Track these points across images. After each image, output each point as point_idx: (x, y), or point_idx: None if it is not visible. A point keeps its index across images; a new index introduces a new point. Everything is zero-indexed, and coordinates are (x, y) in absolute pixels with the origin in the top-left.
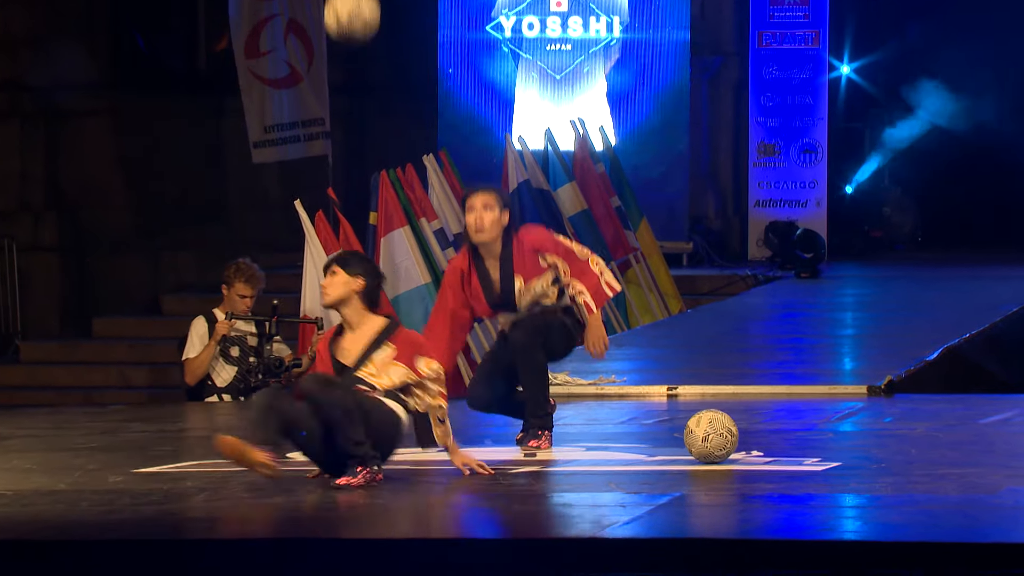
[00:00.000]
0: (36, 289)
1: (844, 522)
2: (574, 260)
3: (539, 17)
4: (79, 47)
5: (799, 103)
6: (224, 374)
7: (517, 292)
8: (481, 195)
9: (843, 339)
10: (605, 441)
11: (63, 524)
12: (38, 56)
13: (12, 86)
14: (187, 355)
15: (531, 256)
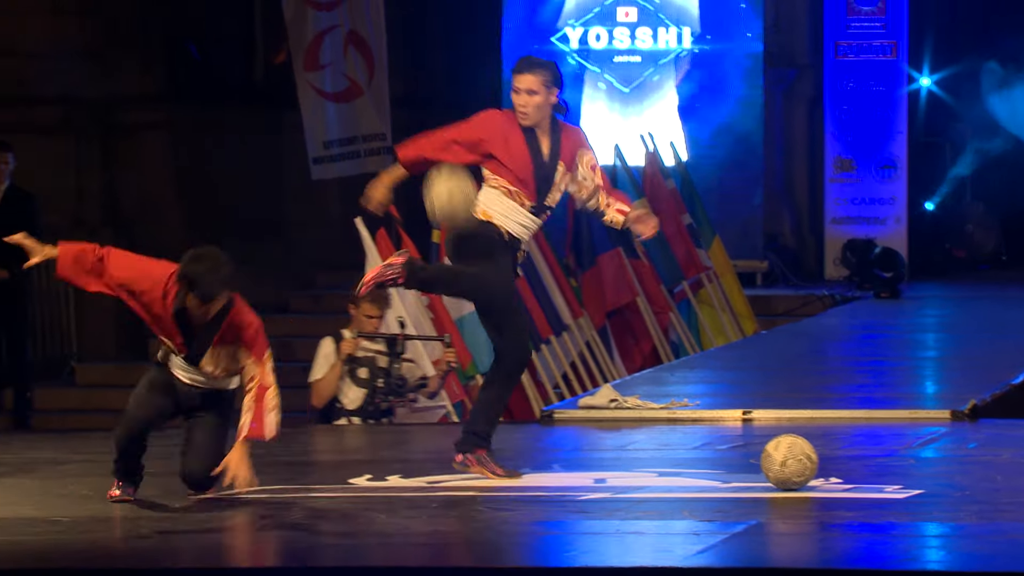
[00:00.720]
0: (91, 309)
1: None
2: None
3: (607, 28)
4: (134, 59)
5: (877, 117)
6: (352, 395)
7: (558, 175)
8: (526, 77)
9: (925, 362)
10: (678, 467)
11: (119, 552)
12: (92, 69)
13: (67, 99)
14: (313, 376)
15: (571, 152)
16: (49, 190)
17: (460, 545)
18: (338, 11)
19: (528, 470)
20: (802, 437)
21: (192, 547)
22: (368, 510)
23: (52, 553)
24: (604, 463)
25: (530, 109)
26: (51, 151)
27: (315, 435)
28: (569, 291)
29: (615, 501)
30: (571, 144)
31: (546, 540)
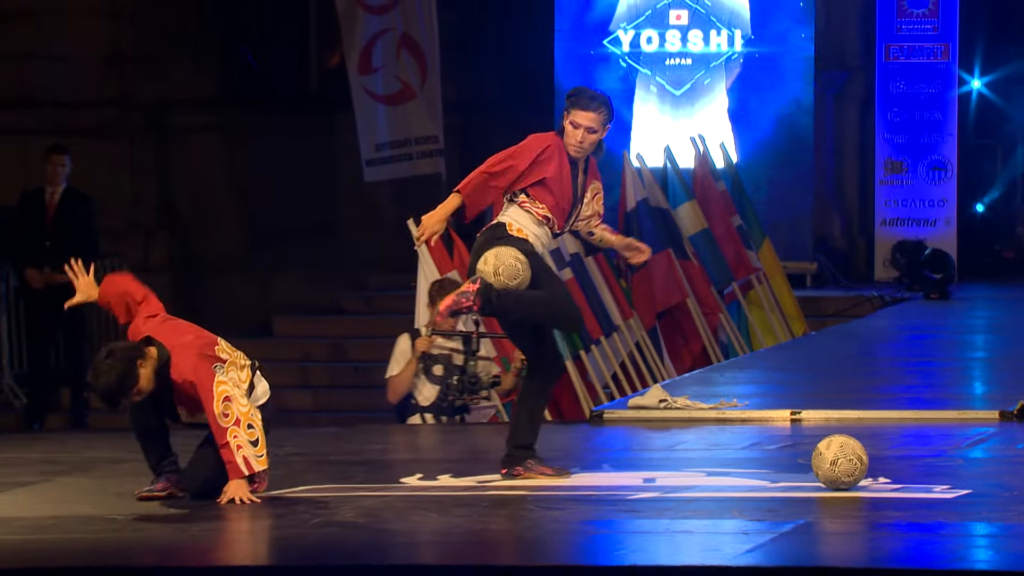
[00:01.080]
0: None
1: (976, 551)
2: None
3: (658, 31)
4: (189, 63)
5: (927, 119)
6: (427, 392)
7: (584, 201)
8: (589, 115)
9: (974, 362)
10: (727, 467)
11: (173, 550)
12: (148, 73)
13: (123, 103)
14: (389, 372)
15: (592, 182)
16: (104, 193)
17: (510, 544)
18: (391, 15)
19: (578, 470)
20: (854, 438)
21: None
22: (419, 509)
23: (108, 550)
24: (653, 463)
25: (587, 145)
26: (106, 154)
27: (366, 435)
28: (619, 292)
29: (664, 500)
30: (593, 175)
31: (596, 539)
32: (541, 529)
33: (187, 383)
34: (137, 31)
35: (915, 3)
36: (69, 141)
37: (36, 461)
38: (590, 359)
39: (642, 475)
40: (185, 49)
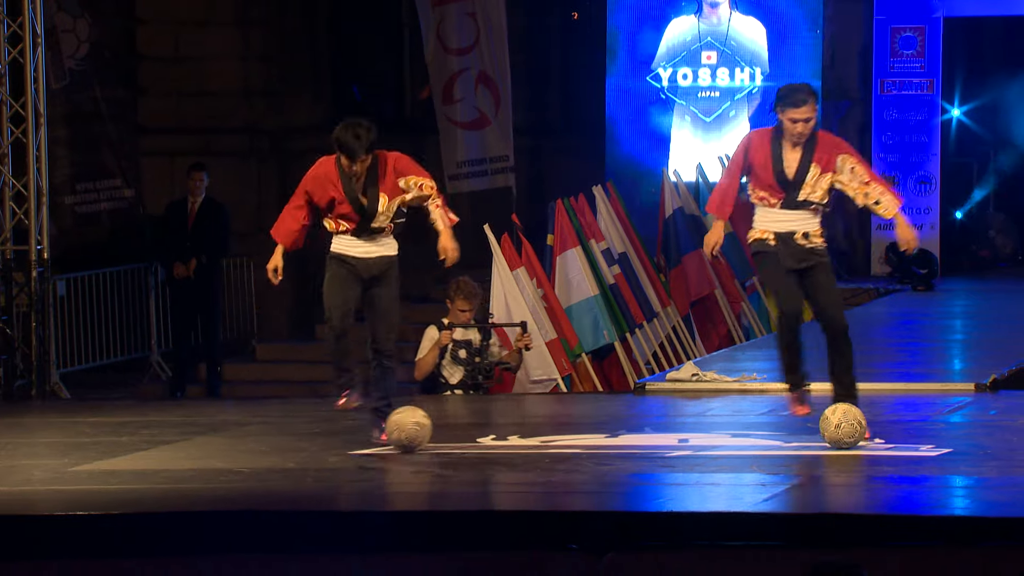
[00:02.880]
0: (269, 299)
1: (955, 500)
2: (871, 171)
3: (692, 69)
4: (306, 96)
5: (915, 141)
6: (456, 373)
7: (810, 177)
8: (804, 109)
9: (953, 343)
10: (748, 429)
11: (292, 497)
12: (272, 104)
13: (251, 130)
14: (418, 356)
15: (831, 154)
16: (235, 203)
17: (568, 494)
18: (470, 56)
19: (624, 431)
20: (855, 406)
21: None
22: (493, 463)
23: (237, 498)
24: (687, 426)
25: (806, 132)
26: (237, 172)
27: (449, 403)
28: (659, 285)
29: (696, 458)
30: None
31: (639, 489)
32: (595, 481)
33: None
34: (263, 70)
35: (905, 45)
36: (209, 161)
37: (177, 424)
38: (634, 340)
39: (677, 436)
40: (302, 84)
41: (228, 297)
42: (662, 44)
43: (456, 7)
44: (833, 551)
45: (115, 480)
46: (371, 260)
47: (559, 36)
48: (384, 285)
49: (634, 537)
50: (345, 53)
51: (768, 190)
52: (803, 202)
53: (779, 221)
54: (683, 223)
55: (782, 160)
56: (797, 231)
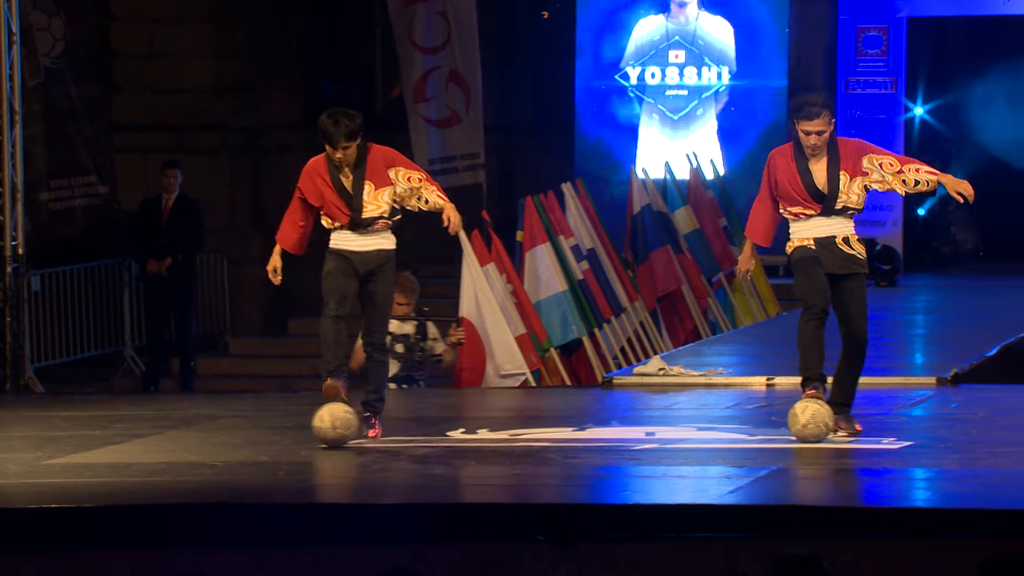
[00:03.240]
0: (243, 295)
1: (916, 492)
2: (897, 155)
3: (660, 67)
4: (278, 93)
5: (880, 139)
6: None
7: (842, 185)
8: (816, 123)
9: (915, 338)
10: (713, 423)
11: (264, 490)
12: (246, 101)
13: (225, 127)
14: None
15: (856, 157)
16: (209, 199)
17: (536, 486)
18: (441, 54)
19: (591, 425)
20: (825, 406)
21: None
22: (463, 456)
23: (209, 490)
24: (653, 419)
25: (820, 144)
26: (211, 168)
27: (418, 396)
28: (627, 280)
29: (662, 451)
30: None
31: (606, 482)
32: (562, 474)
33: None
34: (237, 67)
35: (870, 45)
36: (183, 158)
37: (150, 417)
38: (602, 335)
39: (644, 430)
40: (276, 82)
41: (201, 292)
42: (630, 43)
43: (427, 6)
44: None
45: (89, 473)
46: (368, 254)
47: (529, 35)
48: (380, 280)
49: (601, 529)
50: (318, 51)
51: (802, 205)
52: (841, 209)
53: (818, 227)
54: (651, 220)
55: (810, 174)
56: (837, 235)
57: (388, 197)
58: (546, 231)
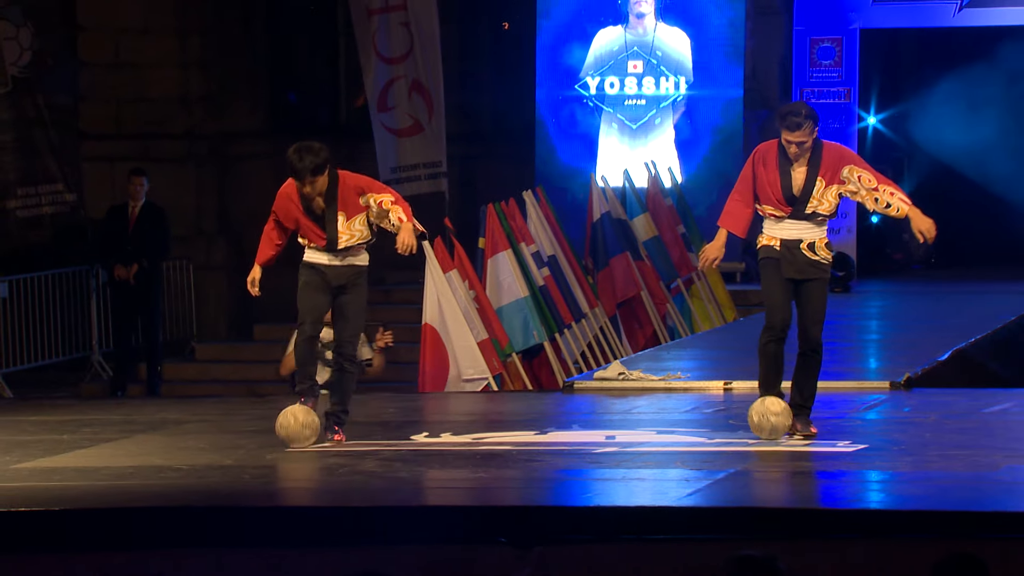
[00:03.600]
0: (208, 300)
1: (870, 494)
2: (876, 173)
3: (619, 77)
4: (244, 103)
5: None
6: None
7: (816, 191)
8: (797, 134)
9: (869, 343)
10: (672, 426)
11: (227, 493)
12: (211, 110)
13: (190, 135)
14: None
15: (836, 165)
16: (175, 207)
17: (498, 489)
18: (404, 64)
19: (553, 429)
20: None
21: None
22: (426, 460)
23: (175, 493)
24: (613, 423)
25: (803, 152)
26: (176, 176)
27: (383, 401)
28: (587, 286)
29: (622, 454)
30: (833, 161)
31: (567, 484)
32: (524, 477)
33: (354, 180)
34: (202, 77)
35: (824, 56)
36: (149, 166)
37: (118, 422)
38: (563, 340)
39: (604, 433)
40: (240, 91)
41: (168, 298)
42: (590, 53)
43: (390, 16)
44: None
45: (57, 477)
46: (341, 268)
47: (490, 46)
48: (352, 292)
49: (562, 531)
50: (282, 61)
51: (774, 205)
52: (810, 214)
53: (786, 229)
54: (610, 227)
55: (789, 176)
56: (804, 240)
57: (361, 224)
58: (507, 238)
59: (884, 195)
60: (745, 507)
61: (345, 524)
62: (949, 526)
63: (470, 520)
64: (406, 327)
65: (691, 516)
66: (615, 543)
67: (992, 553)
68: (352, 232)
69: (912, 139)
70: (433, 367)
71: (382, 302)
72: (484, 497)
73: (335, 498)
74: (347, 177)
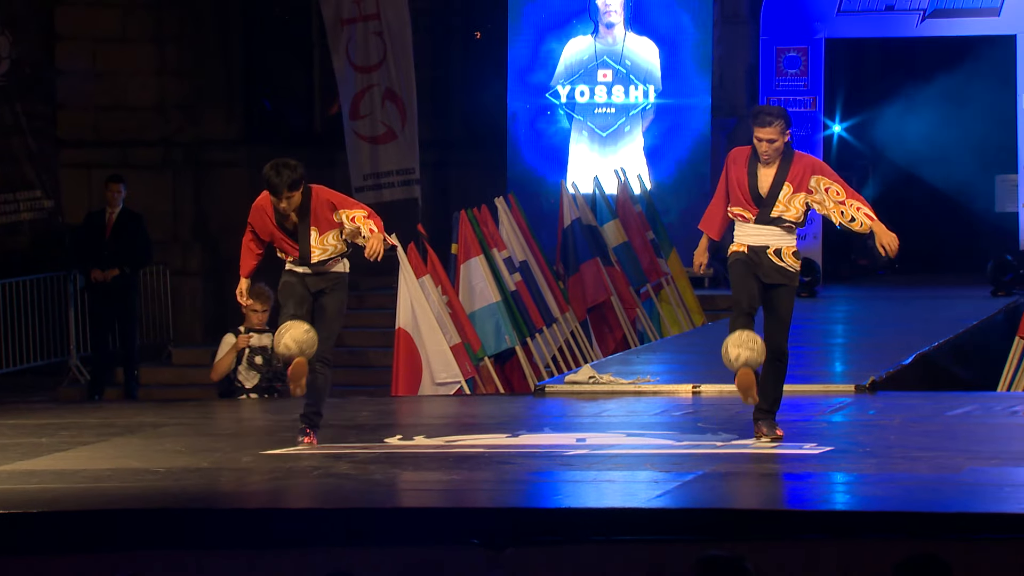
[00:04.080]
0: (184, 305)
1: (836, 495)
2: (846, 186)
3: (589, 86)
4: (219, 110)
5: None
6: (252, 378)
7: (783, 195)
8: (768, 130)
9: (835, 347)
10: (642, 429)
11: (204, 496)
12: (187, 118)
13: (166, 143)
14: (216, 359)
15: (805, 175)
16: (151, 214)
17: (470, 491)
18: (377, 73)
19: (524, 431)
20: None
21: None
22: (400, 462)
23: (153, 496)
24: (584, 426)
25: (772, 153)
26: (153, 183)
27: (357, 405)
28: (558, 291)
29: (592, 456)
30: (803, 171)
31: (539, 487)
32: (496, 479)
33: (327, 197)
34: (179, 85)
35: (790, 65)
36: (126, 173)
37: (95, 425)
38: (535, 344)
39: (575, 436)
40: (216, 99)
41: (144, 303)
42: (560, 62)
43: (363, 26)
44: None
45: (35, 480)
46: (319, 277)
47: (462, 54)
48: (331, 295)
49: (533, 532)
50: (257, 69)
51: (742, 206)
52: (776, 219)
53: (752, 235)
54: (581, 233)
55: (756, 177)
56: (770, 246)
57: (335, 239)
58: (480, 244)
59: (850, 209)
60: (713, 508)
61: (320, 526)
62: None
63: (443, 522)
64: (380, 332)
65: (660, 517)
66: (586, 544)
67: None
68: (325, 247)
69: (876, 146)
70: (407, 371)
71: (356, 307)
72: (457, 499)
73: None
74: (320, 192)
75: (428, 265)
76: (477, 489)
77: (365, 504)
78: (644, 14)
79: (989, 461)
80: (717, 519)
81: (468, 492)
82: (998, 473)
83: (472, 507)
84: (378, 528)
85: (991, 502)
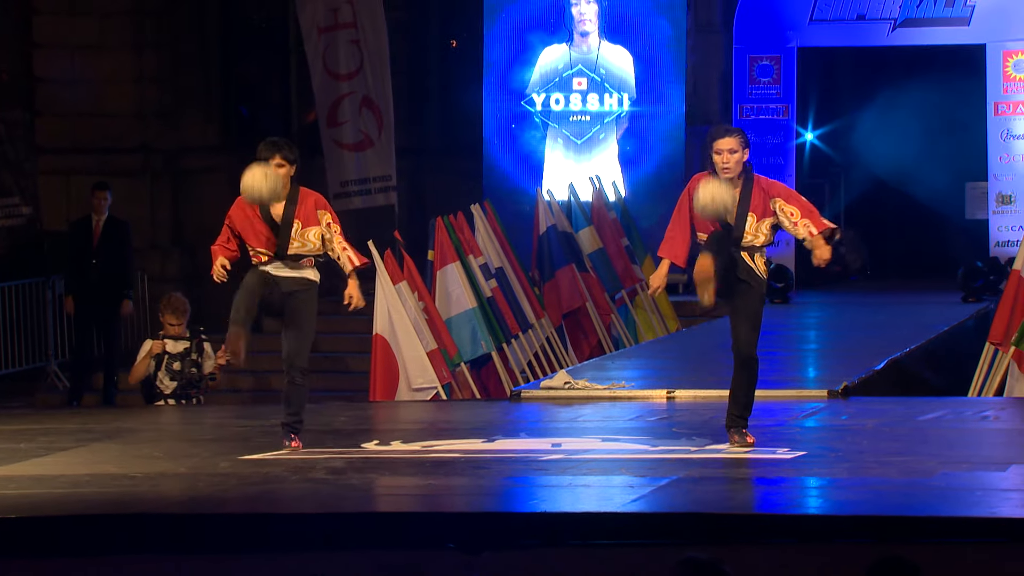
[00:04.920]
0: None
1: (809, 500)
2: (802, 203)
3: (564, 94)
4: (198, 117)
5: (772, 163)
6: (168, 382)
7: (749, 226)
8: (726, 140)
9: (808, 352)
10: (617, 434)
11: (181, 501)
12: (165, 125)
13: (145, 149)
14: (134, 364)
15: (765, 199)
16: (130, 220)
17: (447, 496)
18: (354, 80)
19: (501, 437)
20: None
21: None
22: (377, 467)
23: (129, 500)
24: (560, 431)
25: (732, 164)
26: (132, 190)
27: (335, 410)
28: (533, 297)
29: (568, 461)
30: (762, 194)
31: (515, 491)
32: (472, 483)
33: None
34: (157, 93)
35: (762, 73)
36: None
37: (74, 431)
38: (510, 350)
39: (551, 441)
40: (194, 106)
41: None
42: (535, 70)
43: (341, 34)
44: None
45: (13, 485)
46: (290, 278)
47: (438, 62)
48: (301, 301)
49: (510, 537)
50: (235, 76)
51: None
52: (748, 247)
53: None
54: (556, 240)
55: None
56: (740, 265)
57: (314, 237)
58: (456, 250)
59: (802, 229)
60: (688, 513)
61: (297, 530)
62: (885, 530)
63: (420, 526)
64: (357, 337)
65: (635, 522)
66: (561, 548)
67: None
68: (304, 242)
69: (848, 154)
70: (383, 376)
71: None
72: (433, 504)
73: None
74: (309, 192)
75: (405, 271)
76: (453, 494)
77: (342, 509)
78: (619, 23)
79: (960, 465)
80: (692, 523)
81: (444, 497)
82: (969, 477)
83: (448, 511)
84: (355, 532)
85: (962, 506)
